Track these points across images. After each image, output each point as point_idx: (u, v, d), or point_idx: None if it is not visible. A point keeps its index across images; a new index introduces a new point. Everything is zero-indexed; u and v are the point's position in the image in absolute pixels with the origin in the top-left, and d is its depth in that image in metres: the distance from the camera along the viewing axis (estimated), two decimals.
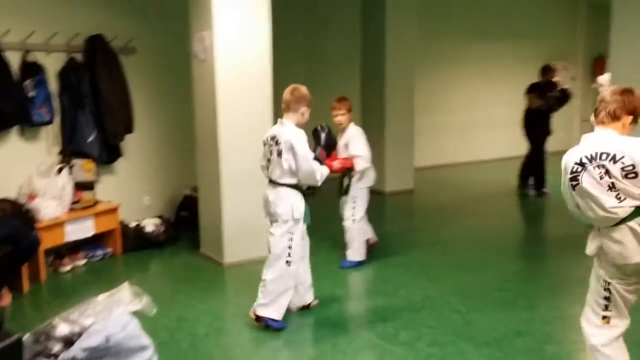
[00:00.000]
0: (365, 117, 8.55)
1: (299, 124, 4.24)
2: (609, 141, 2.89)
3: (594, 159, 2.87)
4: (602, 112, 2.98)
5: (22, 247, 3.35)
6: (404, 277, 5.23)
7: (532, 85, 8.40)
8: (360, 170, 5.29)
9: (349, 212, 5.50)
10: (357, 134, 5.41)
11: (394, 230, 6.93)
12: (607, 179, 2.84)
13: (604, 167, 2.84)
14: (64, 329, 2.95)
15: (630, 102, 2.97)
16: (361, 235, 5.54)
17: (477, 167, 10.96)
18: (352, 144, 5.34)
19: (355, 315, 4.61)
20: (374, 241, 5.83)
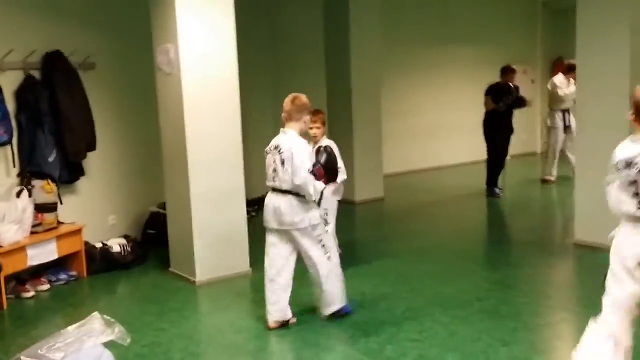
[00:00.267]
0: (332, 125, 8.42)
1: (302, 131, 4.35)
2: None
3: None
4: None
5: None
6: (381, 288, 5.12)
7: (490, 86, 8.44)
8: (340, 182, 5.23)
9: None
10: (332, 147, 5.28)
11: (366, 239, 6.85)
12: None
13: None
14: None
15: None
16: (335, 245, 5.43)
17: (445, 172, 10.97)
18: None
19: (335, 330, 4.45)
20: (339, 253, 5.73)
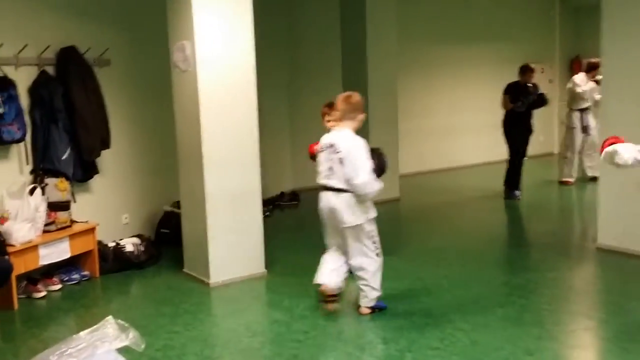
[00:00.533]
0: None
1: (355, 130, 4.34)
2: None
3: None
4: None
5: None
6: (398, 291, 4.99)
7: (508, 85, 8.28)
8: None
9: None
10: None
11: (382, 240, 6.69)
12: None
13: None
14: None
15: None
16: None
17: (461, 172, 10.82)
18: None
19: (353, 335, 4.34)
20: None
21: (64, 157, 5.57)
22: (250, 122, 5.35)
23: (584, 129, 8.97)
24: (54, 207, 5.38)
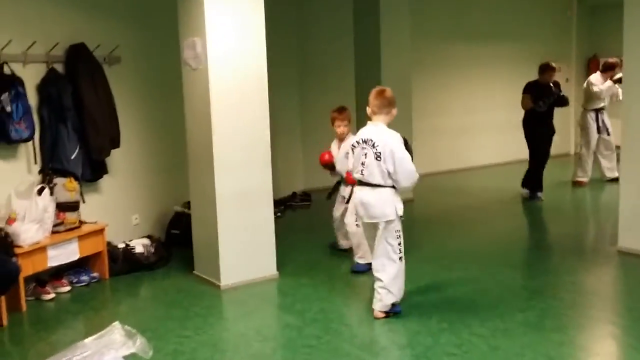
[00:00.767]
0: (361, 122, 8.17)
1: (390, 124, 4.37)
2: None
3: None
4: None
5: (1, 276, 2.95)
6: (413, 294, 4.83)
7: (528, 84, 8.10)
8: None
9: (351, 217, 5.43)
10: None
11: None
12: None
13: None
14: None
15: None
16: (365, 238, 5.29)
17: (476, 173, 10.65)
18: None
19: (367, 341, 4.22)
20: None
21: (73, 157, 5.48)
22: (262, 120, 5.24)
23: (599, 129, 8.80)
24: (63, 207, 5.29)
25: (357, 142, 4.38)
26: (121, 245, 5.75)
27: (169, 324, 4.49)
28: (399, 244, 4.33)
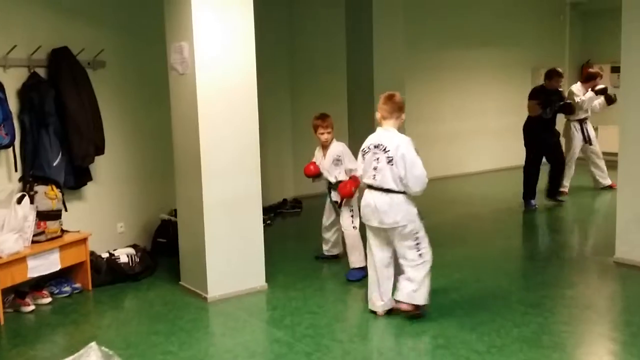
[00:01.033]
0: (353, 128, 8.03)
1: (399, 128, 4.41)
2: None
3: None
4: None
5: None
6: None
7: (534, 90, 7.98)
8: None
9: (347, 220, 5.52)
10: (345, 149, 5.58)
11: None
12: None
13: None
14: None
15: None
16: (361, 241, 5.31)
17: (469, 179, 10.51)
18: (346, 158, 5.53)
19: (359, 357, 4.04)
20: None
21: (55, 164, 5.31)
22: (251, 126, 5.09)
23: (586, 139, 8.68)
24: (44, 216, 5.12)
25: (367, 147, 4.41)
26: (105, 254, 5.58)
27: (153, 338, 4.32)
28: (418, 244, 4.37)
